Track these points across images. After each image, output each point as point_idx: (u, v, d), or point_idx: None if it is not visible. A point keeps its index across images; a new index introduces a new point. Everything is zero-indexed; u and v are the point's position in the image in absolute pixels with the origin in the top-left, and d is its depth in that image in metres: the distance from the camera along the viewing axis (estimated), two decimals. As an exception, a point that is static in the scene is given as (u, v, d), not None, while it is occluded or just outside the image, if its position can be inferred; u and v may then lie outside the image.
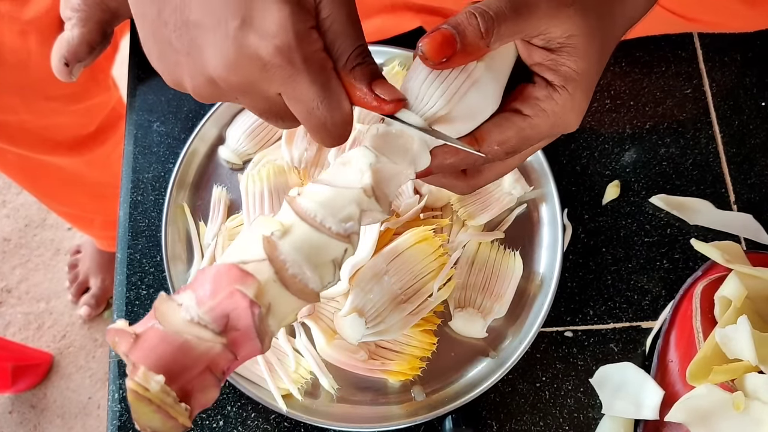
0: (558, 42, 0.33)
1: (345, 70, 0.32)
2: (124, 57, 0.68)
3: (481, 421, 0.52)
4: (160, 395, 0.28)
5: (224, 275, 0.30)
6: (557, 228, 0.55)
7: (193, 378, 0.29)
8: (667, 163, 0.60)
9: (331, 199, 0.32)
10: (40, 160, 0.90)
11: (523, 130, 0.35)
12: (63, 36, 0.55)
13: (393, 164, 0.34)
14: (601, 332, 0.55)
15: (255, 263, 0.30)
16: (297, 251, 0.31)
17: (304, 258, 0.31)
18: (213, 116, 0.58)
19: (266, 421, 0.52)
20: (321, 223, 0.32)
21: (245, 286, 0.30)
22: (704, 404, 0.46)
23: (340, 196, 0.32)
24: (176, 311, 0.30)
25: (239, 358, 0.30)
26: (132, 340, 0.29)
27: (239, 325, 0.30)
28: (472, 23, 0.32)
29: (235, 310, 0.29)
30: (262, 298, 0.30)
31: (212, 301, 0.30)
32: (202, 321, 0.29)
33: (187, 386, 0.29)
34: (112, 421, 0.52)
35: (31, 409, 1.31)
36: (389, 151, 0.34)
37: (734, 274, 0.49)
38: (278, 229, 0.31)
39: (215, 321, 0.29)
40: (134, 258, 0.56)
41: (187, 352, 0.29)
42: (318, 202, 0.32)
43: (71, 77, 0.55)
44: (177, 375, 0.29)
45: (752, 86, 0.63)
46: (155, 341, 0.29)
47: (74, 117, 0.87)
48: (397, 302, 0.51)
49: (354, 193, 0.33)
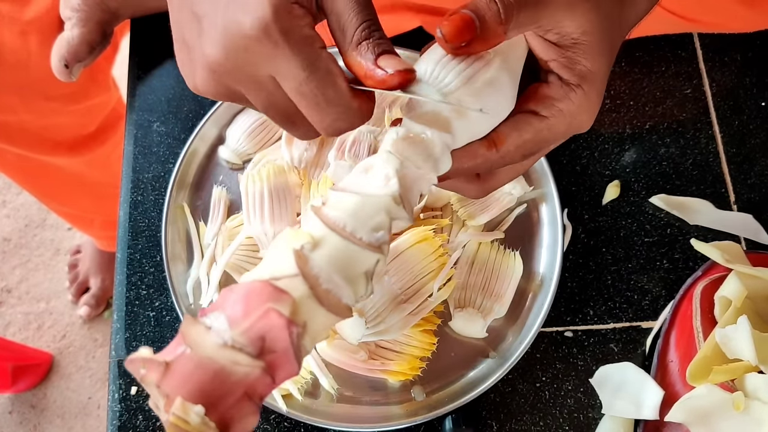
0: (572, 38, 0.33)
1: (350, 47, 0.31)
2: (124, 57, 0.68)
3: (481, 421, 0.52)
4: (201, 427, 0.26)
5: (257, 293, 0.28)
6: (557, 228, 0.55)
7: (231, 406, 0.27)
8: (667, 163, 0.60)
9: (359, 208, 0.31)
10: (40, 160, 0.90)
11: (541, 131, 0.34)
12: (63, 36, 0.55)
13: (417, 169, 0.32)
14: (601, 332, 0.55)
15: (287, 279, 0.28)
16: (329, 264, 0.29)
17: (337, 271, 0.29)
18: (213, 116, 0.58)
19: (266, 421, 0.52)
20: (352, 233, 0.30)
21: (280, 304, 0.28)
22: (704, 404, 0.46)
23: (369, 205, 0.31)
24: (206, 335, 0.28)
25: (276, 381, 0.28)
26: (162, 370, 0.27)
27: (276, 346, 0.28)
28: (492, 8, 0.31)
29: (272, 330, 0.27)
30: (298, 316, 0.28)
31: (246, 322, 0.27)
32: (237, 344, 0.27)
33: (226, 415, 0.27)
34: (112, 421, 0.52)
35: (31, 409, 1.31)
36: (412, 155, 0.32)
37: (734, 274, 0.49)
38: (308, 241, 0.29)
39: (251, 344, 0.27)
40: (134, 258, 0.57)
41: (224, 379, 0.27)
42: (346, 211, 0.30)
43: (71, 77, 0.55)
44: (215, 404, 0.27)
45: (752, 86, 0.63)
46: (189, 369, 0.27)
47: (74, 117, 0.86)
48: (397, 302, 0.51)
49: (383, 201, 0.31)
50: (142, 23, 0.65)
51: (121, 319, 0.55)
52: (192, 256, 0.55)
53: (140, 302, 0.55)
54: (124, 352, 0.54)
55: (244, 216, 0.54)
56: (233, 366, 0.27)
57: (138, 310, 0.55)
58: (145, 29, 0.65)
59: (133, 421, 0.52)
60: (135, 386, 0.53)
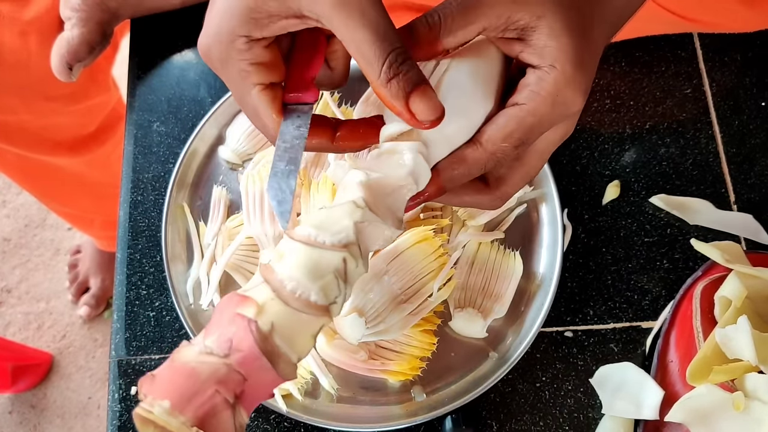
0: (531, 27, 0.33)
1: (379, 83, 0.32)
2: (124, 57, 0.68)
3: (481, 421, 0.52)
4: (165, 418, 0.29)
5: (226, 304, 0.32)
6: (557, 228, 0.55)
7: (204, 402, 0.30)
8: (667, 163, 0.60)
9: (325, 219, 0.33)
10: (40, 160, 0.90)
11: (523, 119, 0.34)
12: (63, 36, 0.55)
13: (387, 178, 0.34)
14: (601, 332, 0.55)
15: (254, 289, 0.32)
16: (295, 269, 0.32)
17: (302, 274, 0.32)
18: (213, 116, 0.58)
19: (266, 421, 0.52)
20: (315, 239, 0.32)
21: (243, 308, 0.31)
22: (704, 404, 0.46)
23: (333, 214, 0.33)
24: (189, 348, 0.31)
25: (250, 379, 0.31)
26: (150, 381, 0.31)
27: (242, 346, 0.30)
28: (421, 20, 0.33)
29: (237, 332, 0.31)
30: (262, 317, 0.31)
31: (217, 330, 0.31)
32: (207, 349, 0.31)
33: (200, 410, 0.30)
34: (112, 421, 0.52)
35: (31, 409, 1.31)
36: (382, 166, 0.35)
37: (734, 274, 0.49)
38: (275, 255, 0.32)
39: (219, 346, 0.31)
40: (134, 258, 0.57)
41: (195, 377, 0.30)
42: (312, 224, 0.33)
43: (71, 77, 0.55)
44: (189, 399, 0.29)
45: (752, 86, 0.63)
46: (168, 375, 0.30)
47: (74, 117, 0.87)
48: (397, 302, 0.51)
49: (344, 207, 0.33)
50: (142, 23, 0.65)
51: (121, 319, 0.55)
52: (192, 256, 0.55)
53: (140, 302, 0.55)
54: (124, 352, 0.54)
55: (244, 216, 0.54)
56: (201, 365, 0.30)
57: (138, 310, 0.55)
58: (145, 29, 0.65)
59: (134, 420, 0.52)
60: (135, 386, 0.53)
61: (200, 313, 0.53)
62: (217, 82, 0.62)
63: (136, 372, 0.53)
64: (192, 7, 0.64)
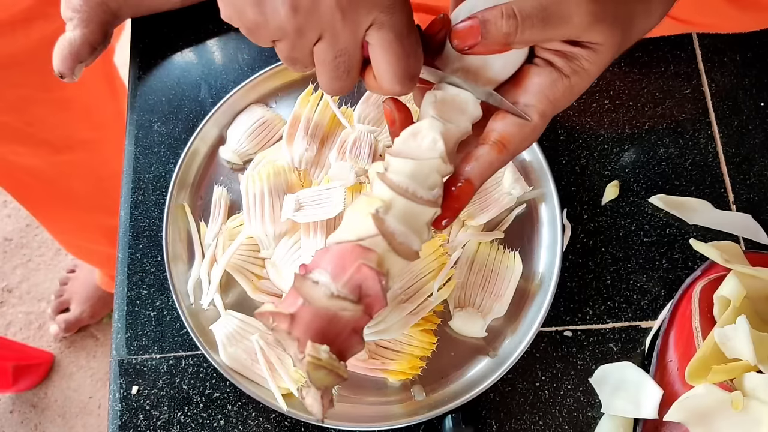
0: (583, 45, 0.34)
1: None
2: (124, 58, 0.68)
3: (481, 420, 0.52)
4: (330, 360, 0.34)
5: (349, 253, 0.36)
6: (556, 228, 0.55)
7: (343, 341, 0.35)
8: (666, 163, 0.60)
9: (416, 171, 0.36)
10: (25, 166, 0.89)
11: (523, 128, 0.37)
12: (65, 37, 0.55)
13: (456, 127, 0.37)
14: (601, 332, 0.55)
15: (370, 239, 0.36)
16: (400, 222, 0.36)
17: (406, 227, 0.36)
18: (214, 116, 0.58)
19: (267, 420, 0.52)
20: (413, 194, 0.36)
21: (369, 259, 0.35)
22: (703, 404, 0.46)
23: (424, 167, 0.36)
24: (316, 289, 0.35)
25: (372, 317, 0.37)
26: (289, 320, 0.35)
27: (371, 291, 0.35)
28: (497, 23, 0.33)
29: (366, 280, 0.35)
30: (382, 266, 0.36)
31: (345, 276, 0.35)
32: (341, 294, 0.35)
33: (341, 348, 0.35)
34: (113, 420, 0.52)
35: (32, 409, 1.31)
36: (450, 114, 0.38)
37: (733, 273, 0.50)
38: (381, 205, 0.36)
39: (352, 292, 0.35)
40: (135, 258, 0.57)
41: (337, 322, 0.35)
42: (406, 175, 0.36)
43: (73, 77, 0.56)
44: (332, 341, 0.35)
45: (751, 87, 0.63)
46: (309, 317, 0.35)
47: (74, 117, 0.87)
48: (397, 302, 0.51)
49: (434, 163, 0.36)
50: (143, 23, 0.65)
51: (122, 319, 0.55)
52: (193, 256, 0.55)
53: (141, 302, 0.55)
54: (125, 352, 0.54)
55: (244, 216, 0.54)
56: (342, 312, 0.35)
57: (139, 309, 0.55)
58: (145, 29, 0.65)
59: (134, 420, 0.52)
60: (135, 385, 0.53)
61: (201, 313, 0.54)
62: (217, 82, 0.63)
63: (137, 371, 0.54)
64: (192, 7, 0.64)
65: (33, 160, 0.89)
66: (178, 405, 0.53)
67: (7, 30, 0.70)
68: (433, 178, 0.36)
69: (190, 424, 0.52)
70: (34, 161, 0.90)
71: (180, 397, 0.53)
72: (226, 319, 0.53)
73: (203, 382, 0.53)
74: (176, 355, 0.54)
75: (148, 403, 0.53)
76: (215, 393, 0.53)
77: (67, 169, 0.94)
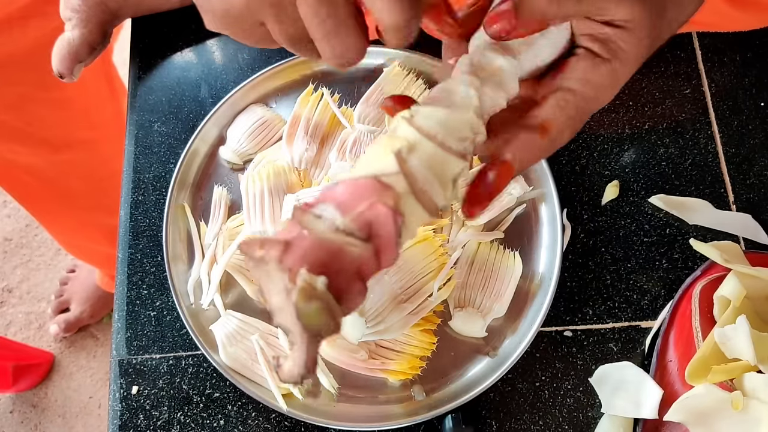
0: (616, 23, 0.33)
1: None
2: (124, 58, 0.68)
3: (480, 421, 0.52)
4: (326, 293, 0.28)
5: (364, 187, 0.31)
6: (556, 228, 0.55)
7: (344, 282, 0.29)
8: (666, 163, 0.60)
9: (448, 120, 0.33)
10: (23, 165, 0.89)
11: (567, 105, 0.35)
12: (64, 37, 0.55)
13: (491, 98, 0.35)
14: (601, 332, 0.55)
15: (391, 176, 0.31)
16: (425, 167, 0.32)
17: (432, 173, 0.32)
18: (214, 116, 0.58)
19: (267, 420, 0.52)
20: (442, 142, 0.32)
21: (386, 197, 0.30)
22: (703, 404, 0.46)
23: (456, 117, 0.33)
24: (319, 221, 0.30)
25: (381, 265, 0.31)
26: (282, 247, 0.29)
27: (382, 232, 0.30)
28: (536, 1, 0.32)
29: (378, 218, 0.30)
30: (399, 209, 0.31)
31: (356, 210, 0.30)
32: (348, 228, 0.30)
33: (340, 288, 0.29)
34: (113, 420, 0.52)
35: (32, 409, 1.31)
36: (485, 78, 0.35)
37: (733, 273, 0.50)
38: (405, 145, 0.32)
39: (361, 228, 0.30)
40: (135, 258, 0.57)
41: (340, 257, 0.29)
42: (437, 121, 0.33)
43: (72, 77, 0.55)
44: (332, 279, 0.28)
45: (751, 86, 0.63)
46: (308, 246, 0.29)
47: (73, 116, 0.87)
48: (397, 302, 0.51)
49: (468, 116, 0.33)
50: (142, 23, 0.65)
51: (122, 319, 0.55)
52: (193, 256, 0.55)
53: (141, 302, 0.55)
54: (125, 352, 0.54)
55: (244, 216, 0.54)
56: (348, 246, 0.29)
57: (139, 309, 0.55)
58: (145, 29, 0.65)
59: (134, 420, 0.52)
60: (136, 385, 0.53)
61: (201, 313, 0.54)
62: (217, 82, 0.63)
63: (137, 371, 0.54)
64: (192, 7, 0.64)
65: (32, 159, 0.89)
66: (178, 405, 0.53)
67: (4, 28, 0.70)
68: (464, 132, 0.33)
69: (190, 424, 0.52)
70: (33, 160, 0.90)
71: (180, 397, 0.53)
72: (226, 319, 0.53)
73: (203, 382, 0.53)
74: (176, 355, 0.54)
75: (148, 403, 0.53)
76: (215, 393, 0.53)
77: (66, 168, 0.94)
